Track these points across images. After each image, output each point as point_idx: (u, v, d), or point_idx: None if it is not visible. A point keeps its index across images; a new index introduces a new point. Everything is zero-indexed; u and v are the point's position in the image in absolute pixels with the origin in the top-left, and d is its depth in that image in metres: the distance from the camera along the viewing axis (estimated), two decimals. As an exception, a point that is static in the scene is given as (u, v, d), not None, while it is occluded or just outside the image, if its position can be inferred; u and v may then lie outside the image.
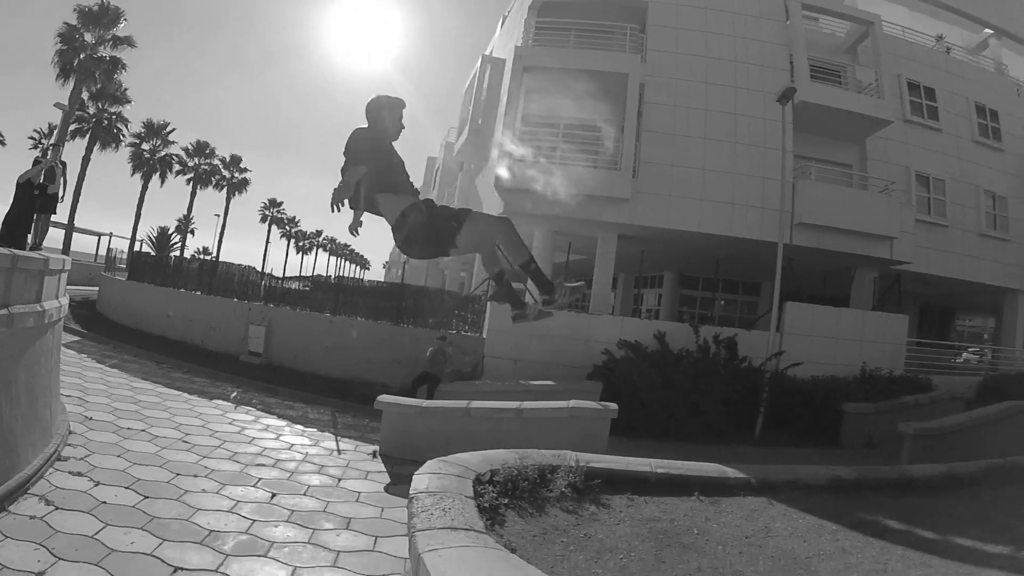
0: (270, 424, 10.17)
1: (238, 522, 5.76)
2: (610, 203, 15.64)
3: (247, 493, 6.59)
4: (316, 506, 6.53)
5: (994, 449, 9.79)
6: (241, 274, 19.31)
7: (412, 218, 4.13)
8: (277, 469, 7.69)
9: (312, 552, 5.36)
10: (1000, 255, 21.21)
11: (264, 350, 16.18)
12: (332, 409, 12.31)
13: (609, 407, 9.30)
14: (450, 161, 28.06)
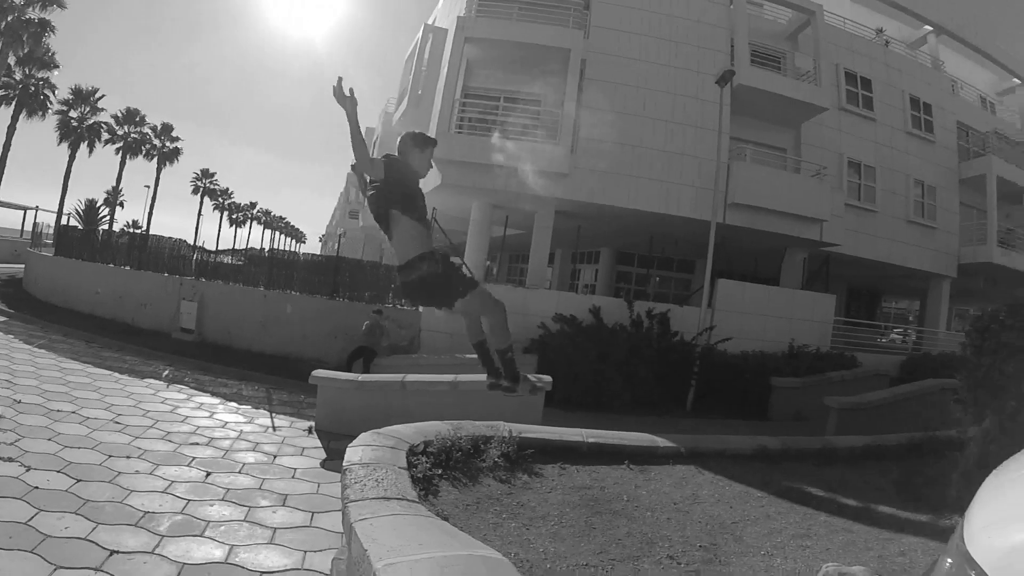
0: (203, 402, 9.94)
1: (173, 502, 5.63)
2: (548, 177, 15.55)
3: (181, 473, 6.45)
4: (252, 484, 6.42)
5: (915, 423, 10.11)
6: (172, 248, 18.65)
7: (426, 268, 4.22)
8: (211, 448, 7.53)
9: (249, 530, 5.27)
10: (927, 242, 21.99)
11: (197, 326, 15.74)
12: (267, 386, 12.09)
13: (543, 379, 9.30)
14: (389, 132, 27.61)
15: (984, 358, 6.72)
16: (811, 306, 17.66)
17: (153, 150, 55.17)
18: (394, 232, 4.34)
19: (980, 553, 1.76)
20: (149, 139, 54.57)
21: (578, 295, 17.08)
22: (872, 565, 4.54)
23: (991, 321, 6.89)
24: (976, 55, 27.95)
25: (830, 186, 18.75)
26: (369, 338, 13.41)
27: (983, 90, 28.80)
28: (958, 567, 1.84)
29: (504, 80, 17.13)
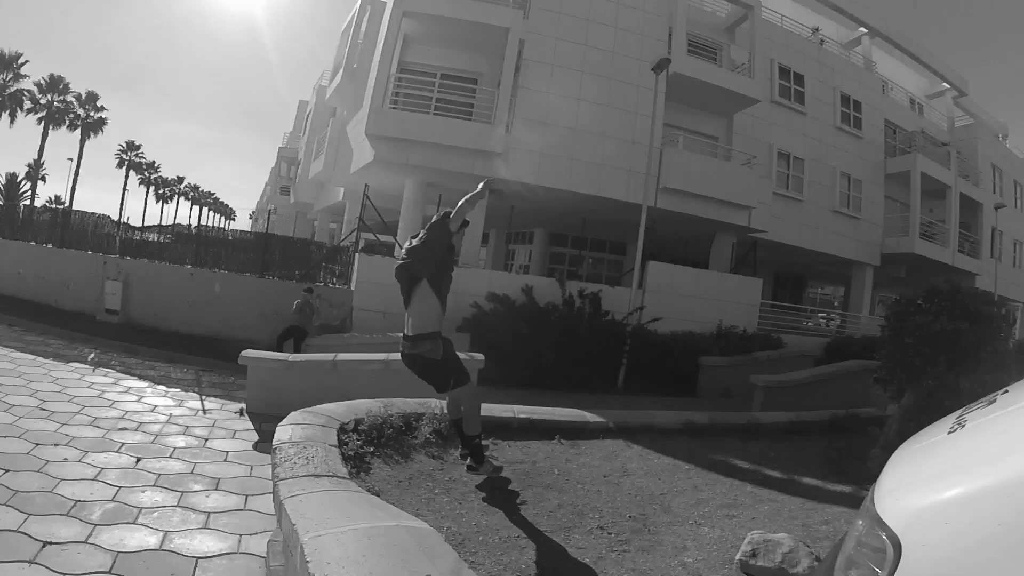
0: (131, 386, 9.52)
1: (104, 490, 5.38)
2: (482, 156, 15.51)
3: (111, 459, 6.16)
4: (183, 468, 6.19)
5: (838, 401, 10.45)
6: (96, 225, 17.85)
7: (427, 349, 4.87)
8: (141, 432, 7.22)
9: (182, 515, 5.08)
10: (851, 231, 23.13)
11: (122, 307, 15.05)
12: (196, 368, 11.72)
13: (475, 357, 9.26)
14: (322, 105, 27.06)
15: (903, 340, 6.92)
16: (739, 289, 18.20)
17: (77, 120, 52.57)
18: (415, 300, 4.89)
19: (889, 515, 1.80)
20: (73, 108, 52.03)
21: (511, 274, 17.09)
22: (797, 533, 4.63)
23: (909, 305, 7.11)
24: (909, 59, 29.58)
25: (759, 175, 19.29)
26: (300, 317, 13.11)
27: (913, 92, 30.61)
28: (868, 528, 1.88)
29: (442, 57, 16.93)
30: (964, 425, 2.19)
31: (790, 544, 4.05)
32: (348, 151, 19.11)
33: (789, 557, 3.96)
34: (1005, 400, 2.35)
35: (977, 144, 28.86)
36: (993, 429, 2.04)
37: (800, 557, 3.97)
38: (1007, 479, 1.62)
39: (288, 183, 36.80)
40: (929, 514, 1.71)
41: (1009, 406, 2.20)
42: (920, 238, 23.88)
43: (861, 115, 23.89)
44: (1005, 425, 2.01)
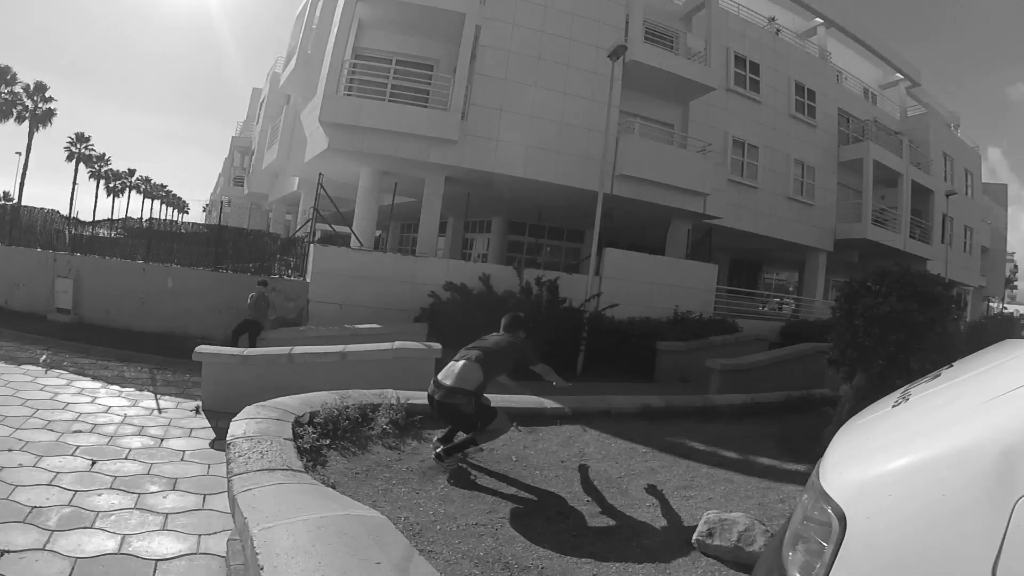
0: (85, 387, 9.24)
1: (60, 495, 5.23)
2: (438, 144, 15.34)
3: (66, 463, 5.98)
4: (140, 469, 6.03)
5: (792, 383, 10.63)
6: (45, 220, 17.20)
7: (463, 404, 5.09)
8: (95, 434, 7.00)
9: (140, 518, 4.95)
10: (805, 218, 23.56)
11: (73, 306, 14.54)
12: (150, 366, 11.36)
13: (433, 347, 9.22)
14: (276, 93, 26.55)
15: (853, 322, 7.03)
16: (695, 275, 18.39)
17: (25, 112, 50.80)
18: (467, 367, 5.17)
19: (833, 488, 1.81)
20: (20, 99, 50.30)
21: (468, 263, 17.00)
22: (753, 512, 4.69)
23: (859, 288, 7.23)
24: (863, 49, 30.27)
25: (714, 162, 19.45)
26: (255, 311, 12.80)
27: (867, 82, 31.15)
28: (814, 503, 1.89)
29: (397, 42, 16.68)
30: (908, 399, 2.22)
31: (746, 523, 4.10)
32: (302, 140, 18.78)
33: (745, 535, 4.02)
34: (949, 374, 2.37)
35: (929, 133, 29.56)
36: (935, 401, 2.07)
37: (756, 535, 4.03)
38: (948, 449, 1.64)
39: (242, 174, 36.08)
40: (872, 486, 1.72)
41: (951, 379, 2.22)
42: (872, 224, 24.42)
43: (815, 104, 24.29)
44: (947, 396, 2.03)
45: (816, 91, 24.32)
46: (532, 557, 3.77)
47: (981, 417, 1.66)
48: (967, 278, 31.95)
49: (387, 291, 14.20)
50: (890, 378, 6.67)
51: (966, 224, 32.20)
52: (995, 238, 40.42)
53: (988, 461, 1.52)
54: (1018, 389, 1.66)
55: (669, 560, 3.95)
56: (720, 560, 3.98)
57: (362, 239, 16.43)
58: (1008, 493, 1.47)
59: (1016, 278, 64.16)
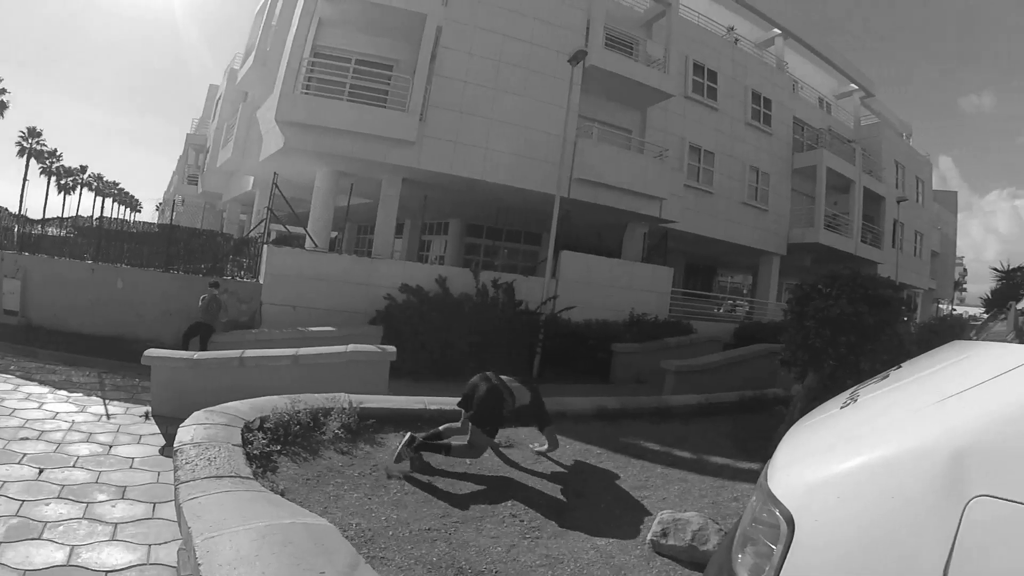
0: (31, 392, 8.95)
1: (6, 505, 5.05)
2: (396, 145, 15.18)
3: (12, 471, 5.78)
4: (88, 478, 5.86)
5: (746, 383, 10.77)
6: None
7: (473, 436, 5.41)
8: (42, 442, 6.79)
9: (88, 528, 4.80)
10: (759, 222, 24.06)
11: (21, 307, 13.90)
12: (99, 370, 11.03)
13: (388, 350, 9.10)
14: (233, 90, 26.02)
15: (804, 324, 7.13)
16: (650, 278, 18.59)
17: (-25, 104, 49.08)
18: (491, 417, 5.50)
19: (781, 490, 1.80)
20: (-30, 91, 48.56)
21: (425, 265, 16.83)
22: (707, 511, 4.75)
23: (810, 290, 7.34)
24: (820, 60, 31.30)
25: (671, 167, 19.73)
26: (206, 314, 12.54)
27: (822, 92, 32.15)
28: (762, 504, 1.87)
29: (357, 42, 16.43)
30: (856, 400, 2.22)
31: (699, 522, 4.13)
32: (258, 138, 18.46)
33: (699, 535, 4.05)
34: (898, 375, 2.38)
35: (881, 142, 30.57)
36: (884, 402, 2.07)
37: (710, 534, 4.06)
38: (898, 451, 1.63)
39: (196, 172, 35.40)
40: (820, 489, 1.71)
41: (898, 381, 2.23)
42: (825, 229, 25.15)
43: (771, 112, 24.85)
44: (896, 397, 2.03)
45: (772, 100, 24.87)
46: (486, 561, 3.74)
47: (931, 418, 1.66)
48: (917, 281, 33.01)
49: (342, 293, 14.00)
50: (841, 378, 6.81)
51: (916, 229, 33.24)
52: (945, 243, 41.88)
53: (938, 462, 1.52)
54: (967, 391, 1.66)
55: (624, 561, 3.95)
56: (675, 560, 3.99)
57: (317, 240, 16.21)
58: (959, 495, 1.47)
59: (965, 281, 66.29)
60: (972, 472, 1.47)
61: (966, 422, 1.57)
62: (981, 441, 1.50)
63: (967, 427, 1.55)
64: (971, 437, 1.52)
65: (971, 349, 2.16)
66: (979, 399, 1.61)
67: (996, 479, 1.45)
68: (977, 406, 1.59)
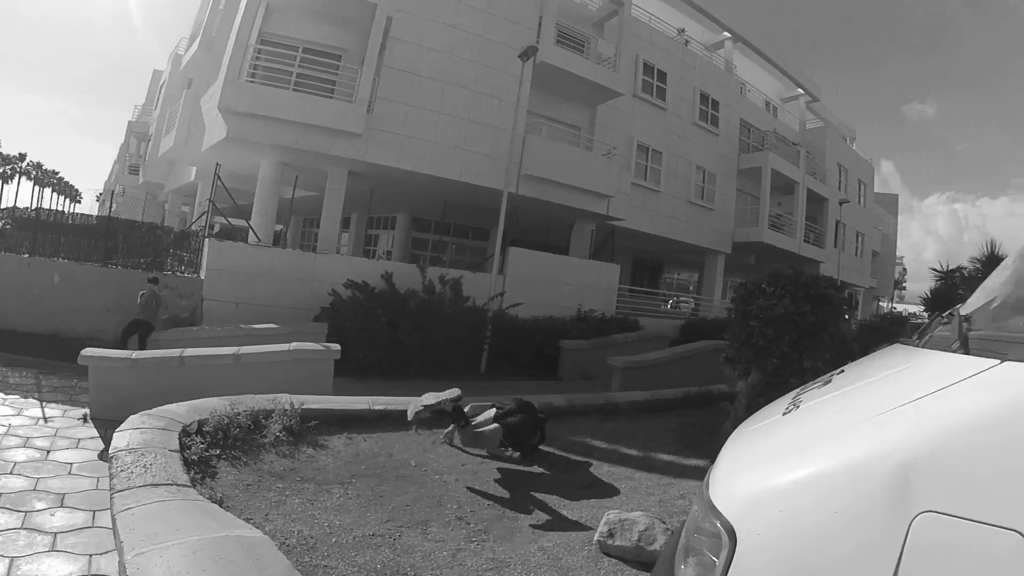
0: None
1: None
2: (342, 137, 14.88)
3: None
4: (25, 485, 5.55)
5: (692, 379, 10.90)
6: (-77, 211, 15.77)
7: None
8: None
9: (28, 538, 4.55)
10: (705, 221, 24.54)
11: None
12: (36, 370, 10.48)
13: (332, 347, 8.93)
14: (177, 76, 25.12)
15: (748, 322, 7.21)
16: (598, 274, 18.78)
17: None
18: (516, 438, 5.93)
19: (721, 501, 1.75)
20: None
21: (370, 260, 16.60)
22: (654, 510, 4.77)
23: (754, 289, 7.43)
24: (768, 65, 32.24)
25: (619, 165, 19.87)
26: (145, 311, 12.02)
27: (769, 95, 32.97)
28: (704, 514, 1.82)
29: (306, 29, 16.02)
30: (799, 406, 2.18)
31: (646, 522, 4.11)
32: (201, 127, 17.88)
33: (645, 535, 4.03)
34: (840, 381, 2.35)
35: (825, 145, 31.66)
36: (827, 410, 2.03)
37: (656, 534, 4.05)
38: (842, 463, 1.58)
39: (138, 161, 34.21)
40: (762, 501, 1.66)
41: (843, 387, 2.19)
42: (769, 229, 25.90)
43: (719, 113, 25.40)
44: (839, 406, 1.99)
45: (720, 101, 25.40)
46: (431, 567, 3.66)
47: (875, 431, 1.62)
48: (858, 280, 34.45)
49: (286, 289, 13.71)
50: (784, 375, 6.95)
51: (858, 230, 34.50)
52: (886, 243, 43.53)
53: (884, 477, 1.48)
54: (913, 403, 1.62)
55: (571, 562, 3.92)
56: (623, 560, 3.97)
57: (261, 234, 15.82)
58: (904, 510, 1.43)
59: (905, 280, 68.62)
60: (917, 487, 1.43)
61: (912, 436, 1.53)
62: (927, 456, 1.46)
63: (913, 441, 1.51)
64: (917, 451, 1.48)
65: (916, 357, 2.14)
66: (925, 412, 1.57)
67: (942, 495, 1.41)
68: (923, 419, 1.55)
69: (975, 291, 2.65)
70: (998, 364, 1.55)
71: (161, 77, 31.14)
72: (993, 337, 1.82)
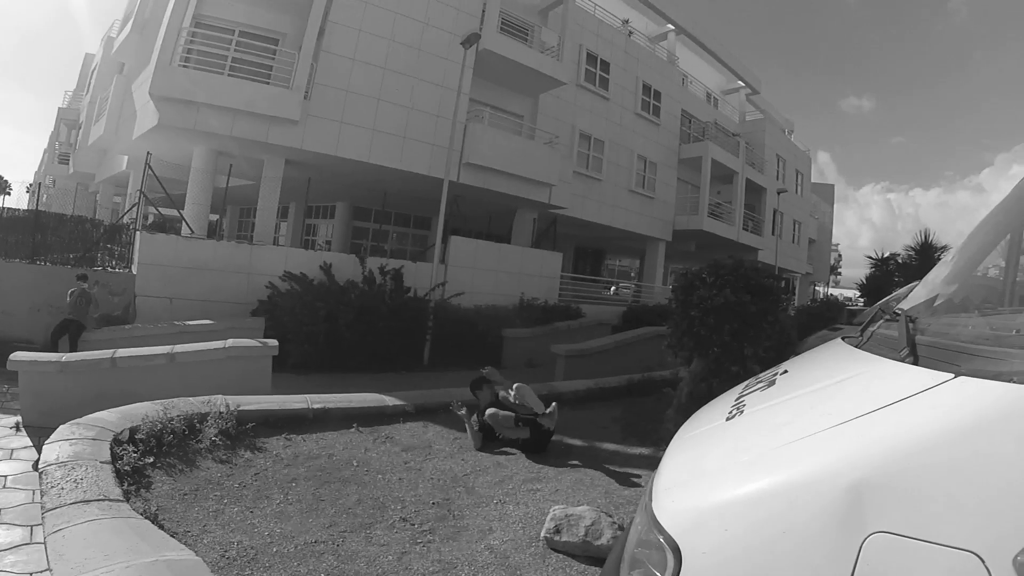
0: None
1: None
2: (278, 124, 14.44)
3: None
4: None
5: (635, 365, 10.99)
6: None
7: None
8: None
9: None
10: (646, 209, 24.94)
11: None
12: None
13: (269, 343, 8.62)
14: (109, 60, 24.08)
15: (689, 312, 7.28)
16: (540, 263, 18.87)
17: None
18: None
19: (666, 517, 1.68)
20: None
21: (308, 251, 16.15)
22: (600, 501, 4.78)
23: (694, 279, 7.50)
24: (710, 57, 33.18)
25: (560, 154, 19.89)
26: (76, 310, 11.45)
27: (711, 87, 33.90)
28: (647, 528, 1.75)
29: (242, 12, 15.35)
30: (743, 411, 2.13)
31: (592, 516, 4.10)
32: (133, 114, 17.18)
33: (592, 530, 4.01)
34: (784, 384, 2.31)
35: (765, 136, 32.75)
36: (772, 420, 1.96)
37: (603, 528, 4.04)
38: (790, 480, 1.53)
39: (68, 150, 32.69)
40: (708, 519, 1.60)
41: (788, 392, 2.15)
42: (709, 217, 26.56)
43: (661, 104, 25.80)
44: (785, 415, 1.94)
45: (662, 92, 25.81)
46: (377, 573, 3.58)
47: (824, 446, 1.56)
48: (795, 266, 35.82)
49: (221, 283, 13.29)
50: (725, 363, 7.04)
51: (795, 218, 35.83)
52: (822, 231, 45.30)
53: (835, 496, 1.42)
54: (864, 417, 1.57)
55: (520, 560, 3.88)
56: (571, 555, 3.95)
57: (195, 225, 15.22)
58: (856, 530, 1.37)
59: (840, 266, 71.12)
60: (869, 507, 1.39)
61: (864, 453, 1.47)
62: (879, 474, 1.41)
63: (865, 458, 1.45)
64: (869, 470, 1.42)
65: (862, 363, 2.08)
66: (875, 429, 1.52)
67: (894, 515, 1.36)
68: (873, 437, 1.50)
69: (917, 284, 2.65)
70: (951, 379, 1.51)
71: (93, 61, 29.83)
72: (943, 345, 1.79)
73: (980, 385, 1.43)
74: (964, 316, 2.28)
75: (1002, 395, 1.36)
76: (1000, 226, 2.41)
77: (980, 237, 2.48)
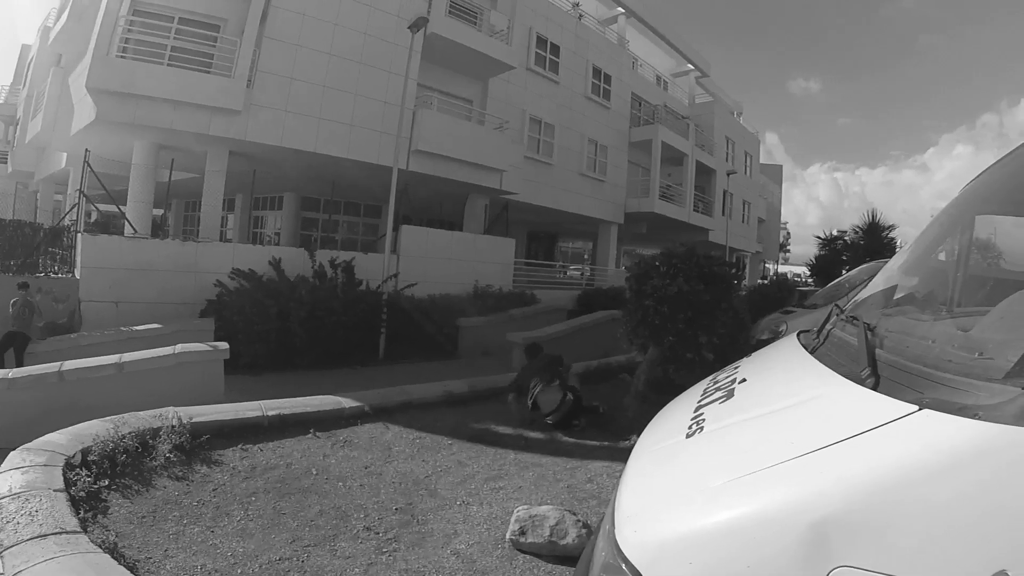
0: None
1: None
2: (221, 115, 14.04)
3: None
4: None
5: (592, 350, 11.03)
6: None
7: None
8: None
9: None
10: (597, 193, 25.08)
11: None
12: None
13: (219, 347, 8.37)
14: (46, 52, 22.98)
15: (644, 302, 7.31)
16: (493, 249, 18.83)
17: None
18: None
19: (629, 546, 1.64)
20: None
21: (256, 247, 15.78)
22: (563, 496, 4.80)
23: (648, 268, 7.54)
24: (659, 40, 33.50)
25: (511, 139, 19.89)
26: (19, 321, 11.01)
27: (660, 70, 34.20)
28: (610, 554, 1.71)
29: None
30: (703, 428, 2.08)
31: (556, 516, 4.09)
32: (69, 108, 16.52)
33: (557, 530, 4.01)
34: (742, 397, 2.26)
35: (714, 119, 33.41)
36: (733, 443, 1.92)
37: (568, 527, 4.03)
38: (755, 512, 1.50)
39: (6, 148, 31.17)
40: (671, 551, 1.56)
41: (746, 411, 2.10)
42: (660, 199, 26.88)
43: (611, 87, 25.91)
44: (749, 438, 1.88)
45: (612, 76, 25.93)
46: (343, 586, 3.49)
47: (788, 478, 1.53)
48: (745, 245, 36.75)
49: (168, 284, 12.90)
50: (680, 351, 7.10)
51: (745, 199, 36.68)
52: (771, 211, 46.27)
53: (800, 530, 1.40)
54: (828, 448, 1.53)
55: (487, 563, 3.86)
56: (537, 556, 3.94)
57: (139, 222, 14.73)
58: (820, 565, 1.35)
59: (789, 244, 72.94)
60: (834, 540, 1.36)
61: (828, 489, 1.44)
62: (843, 511, 1.38)
63: (828, 496, 1.42)
64: (834, 504, 1.40)
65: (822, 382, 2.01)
66: (841, 462, 1.49)
67: (859, 549, 1.34)
68: (839, 472, 1.47)
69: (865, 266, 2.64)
70: (915, 412, 1.48)
71: (29, 53, 28.40)
72: (905, 367, 1.77)
73: (944, 422, 1.40)
74: (925, 317, 2.27)
75: (969, 435, 1.33)
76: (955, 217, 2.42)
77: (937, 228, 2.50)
